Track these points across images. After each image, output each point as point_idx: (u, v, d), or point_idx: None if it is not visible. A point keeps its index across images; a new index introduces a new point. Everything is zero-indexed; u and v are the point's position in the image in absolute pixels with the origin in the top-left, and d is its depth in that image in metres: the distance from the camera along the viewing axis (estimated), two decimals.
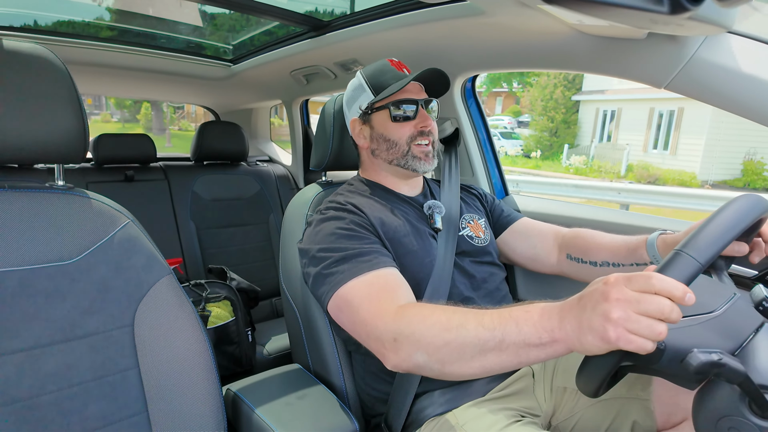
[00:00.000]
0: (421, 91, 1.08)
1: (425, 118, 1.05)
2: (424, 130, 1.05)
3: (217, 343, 1.57)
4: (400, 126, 1.05)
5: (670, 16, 0.53)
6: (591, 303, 0.54)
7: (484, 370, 0.66)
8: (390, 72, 1.07)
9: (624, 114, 14.65)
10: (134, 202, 1.96)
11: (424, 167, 1.05)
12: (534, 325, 0.60)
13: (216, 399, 0.89)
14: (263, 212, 2.29)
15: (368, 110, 1.07)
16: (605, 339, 0.52)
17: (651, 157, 13.61)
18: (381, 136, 1.07)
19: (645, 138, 13.82)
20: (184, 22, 1.89)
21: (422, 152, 1.05)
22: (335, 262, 0.87)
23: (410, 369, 0.73)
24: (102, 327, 0.80)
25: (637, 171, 12.88)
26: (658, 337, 0.50)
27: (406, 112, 1.04)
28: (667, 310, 0.50)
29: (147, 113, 20.21)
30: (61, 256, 0.79)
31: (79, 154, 0.83)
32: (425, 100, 1.06)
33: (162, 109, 18.98)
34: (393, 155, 1.06)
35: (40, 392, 0.73)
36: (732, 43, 0.84)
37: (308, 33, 1.60)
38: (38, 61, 0.78)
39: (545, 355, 0.60)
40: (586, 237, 1.05)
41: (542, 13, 0.94)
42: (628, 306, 0.51)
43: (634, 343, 0.50)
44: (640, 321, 0.50)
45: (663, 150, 13.53)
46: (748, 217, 0.63)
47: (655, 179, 12.27)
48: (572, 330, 0.56)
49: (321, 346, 1.05)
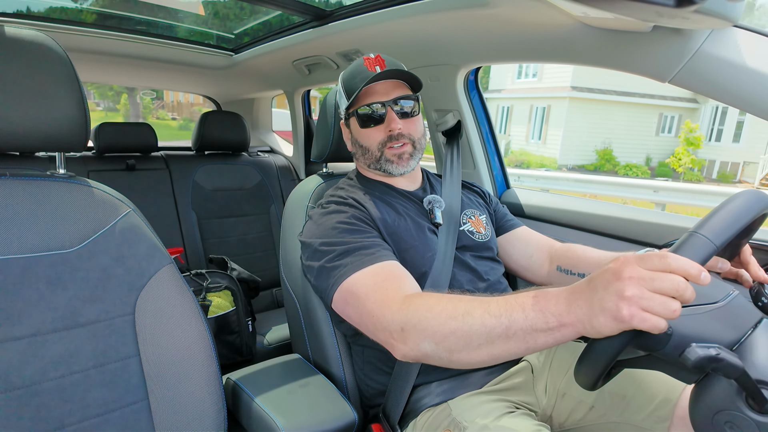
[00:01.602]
0: (395, 89, 1.02)
1: (391, 121, 1.00)
2: (392, 134, 1.01)
3: (218, 333, 1.57)
4: (370, 131, 1.02)
5: (676, 9, 0.53)
6: (602, 283, 0.54)
7: (492, 357, 0.65)
8: (361, 74, 1.00)
9: (515, 110, 17.85)
10: (135, 191, 1.96)
11: (398, 170, 1.04)
12: (541, 309, 0.60)
13: (216, 388, 0.89)
14: (264, 203, 2.29)
15: (347, 115, 1.06)
16: (618, 318, 0.51)
17: (530, 146, 16.91)
18: (356, 141, 1.06)
19: (527, 130, 17.27)
20: (186, 10, 1.88)
21: (394, 155, 1.02)
22: (338, 256, 0.87)
23: (418, 358, 0.73)
24: (103, 315, 0.80)
25: (512, 156, 16.18)
26: (673, 315, 0.49)
27: (373, 115, 1.01)
28: (682, 287, 0.50)
29: (126, 103, 21.43)
30: (63, 245, 0.79)
31: (81, 142, 0.83)
32: (393, 100, 1.00)
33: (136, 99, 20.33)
34: (368, 160, 1.06)
35: (41, 379, 0.74)
36: (738, 38, 0.84)
37: (310, 22, 1.59)
38: (40, 49, 0.77)
39: (553, 339, 0.59)
40: (576, 251, 1.06)
41: (546, 5, 0.93)
42: (642, 283, 0.50)
43: (648, 322, 0.50)
44: (654, 298, 0.50)
45: (538, 140, 16.81)
46: (756, 207, 0.63)
47: (521, 163, 15.26)
48: (583, 313, 0.55)
49: (321, 336, 1.06)
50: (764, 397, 0.51)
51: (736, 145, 15.46)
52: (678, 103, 16.38)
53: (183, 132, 18.51)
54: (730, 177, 14.96)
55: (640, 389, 0.91)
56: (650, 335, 0.54)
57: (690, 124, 13.82)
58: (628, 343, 0.54)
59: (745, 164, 14.79)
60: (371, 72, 1.00)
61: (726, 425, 0.54)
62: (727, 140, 15.74)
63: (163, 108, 25.03)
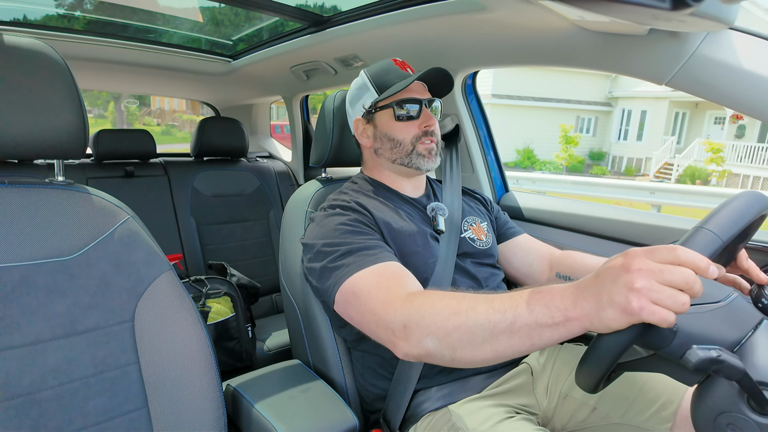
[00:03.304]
0: (424, 90, 1.08)
1: (428, 118, 1.05)
2: (428, 130, 1.05)
3: (217, 339, 1.57)
4: (404, 125, 1.04)
5: (672, 12, 0.53)
6: (611, 277, 0.53)
7: (496, 354, 0.64)
8: (394, 71, 1.06)
9: None
10: (134, 197, 1.96)
11: (428, 165, 1.05)
12: (546, 305, 0.59)
13: (216, 394, 0.89)
14: (263, 208, 2.28)
15: (372, 109, 1.07)
16: (627, 310, 0.50)
17: None
18: (385, 135, 1.06)
19: None
20: (184, 17, 1.89)
21: (426, 149, 1.04)
22: (341, 256, 0.87)
23: (421, 356, 0.71)
24: (102, 322, 0.80)
25: None
26: (682, 308, 0.49)
27: (410, 112, 1.04)
28: (691, 279, 0.49)
29: (113, 110, 23.21)
30: (62, 252, 0.79)
31: (79, 149, 0.83)
32: (428, 100, 1.06)
33: (121, 107, 22.15)
34: (397, 154, 1.06)
35: (40, 387, 0.74)
36: (734, 40, 0.84)
37: (308, 28, 1.60)
38: (38, 57, 0.78)
39: (558, 335, 0.58)
40: (575, 257, 1.07)
41: (543, 9, 0.94)
42: (651, 275, 0.50)
43: (657, 314, 0.49)
44: (664, 291, 0.49)
45: None
46: (758, 206, 0.64)
47: None
48: (590, 307, 0.54)
49: (321, 341, 1.06)
50: (766, 398, 0.51)
51: (639, 143, 17.67)
52: (594, 107, 18.42)
53: (165, 137, 19.64)
54: (634, 171, 17.22)
55: (642, 391, 0.90)
56: (656, 332, 0.53)
57: (565, 126, 15.76)
58: (634, 338, 0.53)
59: (646, 160, 16.86)
60: (404, 71, 1.06)
61: (728, 427, 0.54)
62: (632, 139, 17.95)
63: (149, 114, 26.17)
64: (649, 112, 17.59)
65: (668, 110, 17.06)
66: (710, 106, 16.65)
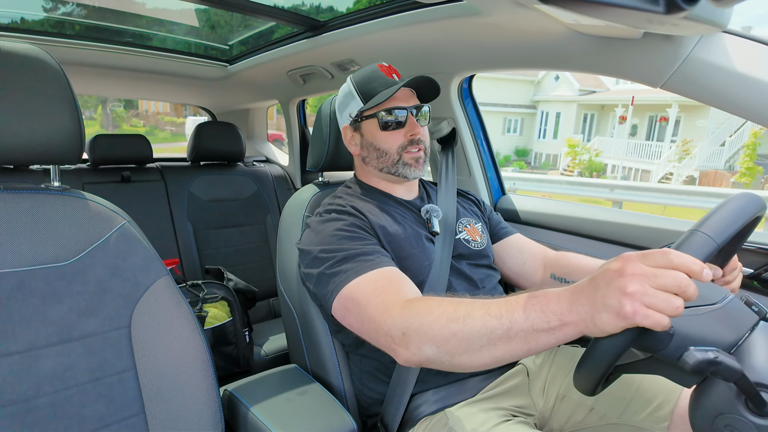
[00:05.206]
0: (411, 97, 1.05)
1: (414, 126, 1.03)
2: (414, 138, 1.03)
3: (215, 344, 1.56)
4: (390, 135, 1.03)
5: (665, 15, 0.53)
6: (605, 281, 0.53)
7: (494, 359, 0.65)
8: (379, 79, 1.04)
9: None
10: (131, 203, 1.95)
11: (414, 173, 1.04)
12: (542, 309, 0.59)
13: (213, 399, 0.88)
14: (260, 213, 2.28)
15: (358, 118, 1.06)
16: (621, 315, 0.51)
17: None
18: (371, 144, 1.05)
19: None
20: (180, 22, 1.89)
21: (413, 158, 1.03)
22: (338, 262, 0.86)
23: (421, 363, 0.72)
24: (99, 328, 0.80)
25: None
26: (676, 311, 0.49)
27: (396, 120, 1.02)
28: (685, 283, 0.49)
29: (101, 113, 24.13)
30: (58, 258, 0.78)
31: (75, 155, 0.83)
32: (415, 107, 1.04)
33: (107, 111, 23.42)
34: (383, 163, 1.05)
35: (36, 394, 0.73)
36: (727, 43, 0.85)
37: (305, 33, 1.60)
38: (34, 62, 0.77)
39: (555, 339, 0.59)
40: (570, 258, 1.07)
41: (538, 13, 0.94)
42: (645, 280, 0.50)
43: (651, 318, 0.49)
44: (658, 295, 0.49)
45: None
46: (753, 208, 0.64)
47: None
48: (585, 311, 0.55)
49: (318, 346, 1.05)
50: (763, 399, 0.51)
51: (555, 141, 20.05)
52: (520, 110, 21.08)
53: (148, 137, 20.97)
54: (550, 166, 19.45)
55: (639, 390, 0.91)
56: (652, 335, 0.54)
57: None
58: (630, 342, 0.54)
59: (562, 156, 18.35)
60: (390, 78, 1.03)
61: (726, 428, 0.54)
62: (549, 137, 20.62)
63: (137, 116, 27.16)
64: (562, 113, 19.68)
65: (577, 112, 19.80)
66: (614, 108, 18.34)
